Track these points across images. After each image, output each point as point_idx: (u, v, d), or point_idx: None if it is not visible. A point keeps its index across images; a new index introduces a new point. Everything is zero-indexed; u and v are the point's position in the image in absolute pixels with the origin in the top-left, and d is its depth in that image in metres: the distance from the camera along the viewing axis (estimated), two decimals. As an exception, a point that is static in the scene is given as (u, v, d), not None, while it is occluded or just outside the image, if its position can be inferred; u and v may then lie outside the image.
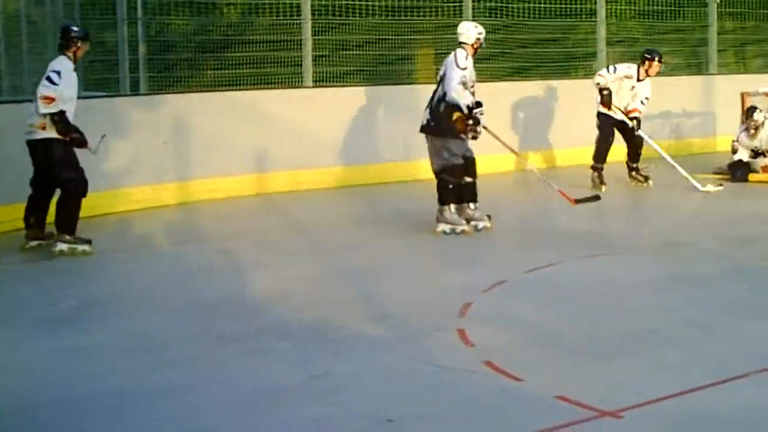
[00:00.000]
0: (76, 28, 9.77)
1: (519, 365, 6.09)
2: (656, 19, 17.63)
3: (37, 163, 9.63)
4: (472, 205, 10.39)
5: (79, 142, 9.62)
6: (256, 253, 9.70)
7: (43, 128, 9.40)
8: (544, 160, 14.90)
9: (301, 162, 13.28)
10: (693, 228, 10.62)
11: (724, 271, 8.65)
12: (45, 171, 9.59)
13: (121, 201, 11.62)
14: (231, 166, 12.81)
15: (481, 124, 10.12)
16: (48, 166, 9.54)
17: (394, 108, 14.08)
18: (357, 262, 9.25)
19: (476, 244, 9.96)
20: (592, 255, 9.25)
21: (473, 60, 10.33)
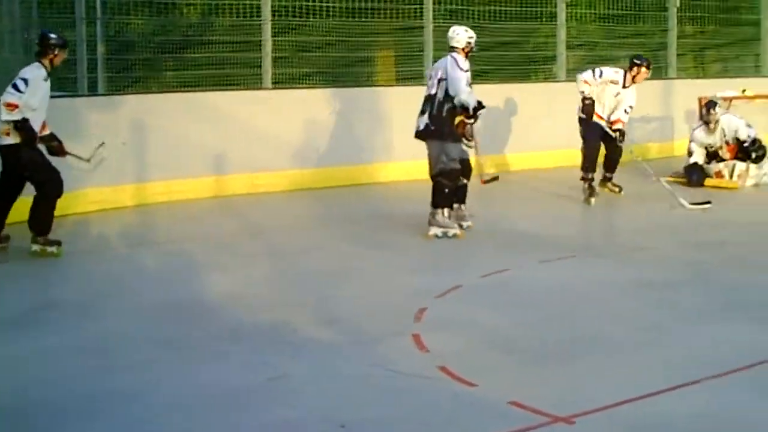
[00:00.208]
0: (55, 35, 9.67)
1: (473, 371, 6.11)
2: (616, 23, 17.71)
3: (7, 167, 9.57)
4: (462, 207, 10.43)
5: (57, 149, 9.57)
6: (213, 256, 9.67)
7: (8, 134, 9.33)
8: (502, 163, 14.88)
9: (260, 164, 13.23)
10: (653, 233, 10.65)
11: (682, 276, 8.70)
12: (15, 176, 9.53)
13: (79, 202, 11.50)
14: (189, 168, 12.74)
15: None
16: (20, 171, 9.48)
17: (354, 110, 14.09)
18: (314, 265, 9.25)
19: (435, 248, 9.97)
20: (550, 259, 9.29)
21: None
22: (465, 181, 10.41)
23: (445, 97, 10.04)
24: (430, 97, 10.16)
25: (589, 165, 12.38)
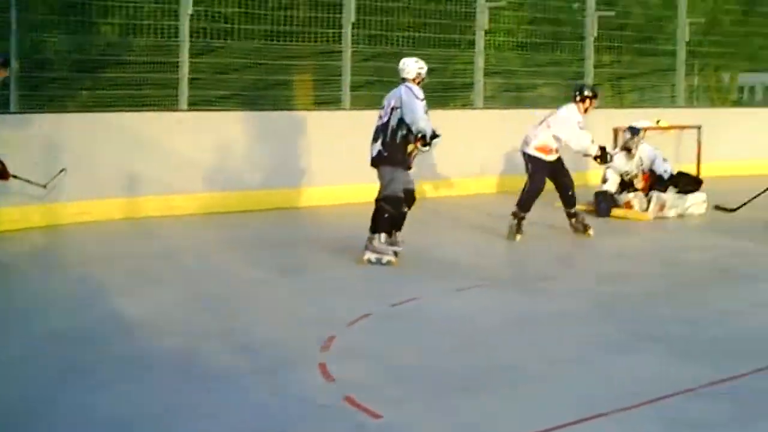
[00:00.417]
0: None
1: (379, 401, 6.06)
2: (534, 51, 17.87)
3: None
4: (398, 234, 10.43)
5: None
6: (120, 280, 9.52)
7: None
8: (419, 190, 14.70)
9: (174, 186, 13.11)
10: (567, 264, 10.73)
11: (593, 307, 8.73)
12: None
13: (-12, 223, 11.33)
14: (102, 189, 12.58)
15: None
16: None
17: (270, 134, 14.03)
18: (224, 291, 9.16)
19: (348, 274, 9.94)
20: (464, 288, 9.30)
21: None
22: (406, 209, 10.43)
23: (398, 125, 10.12)
24: (383, 125, 10.23)
25: (526, 204, 11.94)
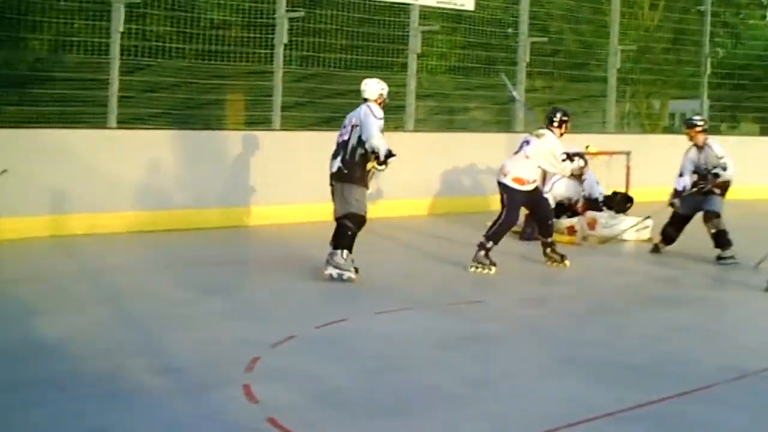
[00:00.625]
0: None
1: (303, 423, 6.02)
2: (467, 75, 17.96)
3: None
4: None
5: None
6: (41, 299, 9.34)
7: None
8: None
9: (101, 204, 12.98)
10: (494, 287, 10.74)
11: (517, 331, 8.78)
12: None
13: None
14: (26, 206, 12.40)
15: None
16: None
17: (200, 153, 13.95)
18: (148, 310, 9.03)
19: (273, 296, 9.89)
20: (387, 310, 9.27)
21: None
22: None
23: (358, 143, 10.23)
24: (344, 143, 10.36)
25: (497, 236, 11.43)
